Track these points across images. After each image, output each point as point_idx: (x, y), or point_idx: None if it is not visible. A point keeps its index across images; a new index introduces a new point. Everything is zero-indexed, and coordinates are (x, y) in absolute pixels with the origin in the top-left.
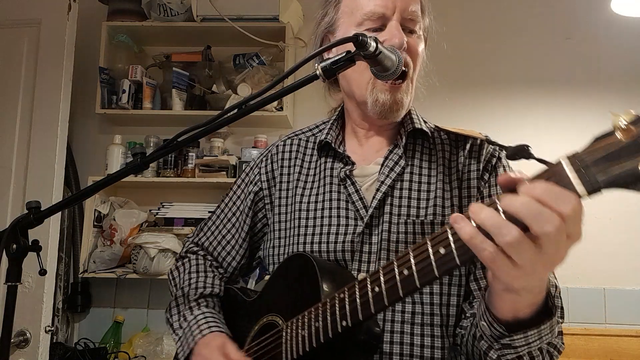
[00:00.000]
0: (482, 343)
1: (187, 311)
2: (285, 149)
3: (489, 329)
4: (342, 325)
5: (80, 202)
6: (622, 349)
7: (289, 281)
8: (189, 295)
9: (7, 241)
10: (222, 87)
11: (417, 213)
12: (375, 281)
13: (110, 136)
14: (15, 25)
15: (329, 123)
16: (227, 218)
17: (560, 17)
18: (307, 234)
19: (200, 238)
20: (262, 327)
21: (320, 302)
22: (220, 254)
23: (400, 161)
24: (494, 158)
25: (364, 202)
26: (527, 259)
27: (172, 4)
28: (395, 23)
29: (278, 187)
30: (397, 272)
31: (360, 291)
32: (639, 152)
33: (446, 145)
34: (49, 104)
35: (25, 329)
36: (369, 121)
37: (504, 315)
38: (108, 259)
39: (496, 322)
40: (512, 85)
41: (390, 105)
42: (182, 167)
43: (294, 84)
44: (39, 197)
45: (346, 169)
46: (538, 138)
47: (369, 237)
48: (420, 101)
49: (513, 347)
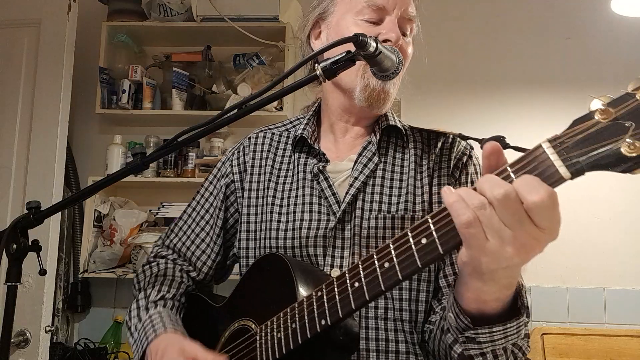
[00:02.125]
0: (449, 336)
1: (143, 312)
2: (257, 141)
3: (455, 321)
4: (321, 325)
5: (80, 202)
6: (622, 349)
7: (260, 283)
8: (149, 297)
9: (7, 241)
10: (222, 87)
11: (388, 208)
12: (354, 276)
13: (110, 136)
14: (15, 25)
15: (305, 119)
16: (200, 215)
17: (560, 17)
18: (279, 229)
19: (171, 240)
20: (233, 333)
21: (296, 302)
22: (195, 254)
23: (373, 157)
24: (465, 156)
25: (336, 197)
26: (497, 235)
27: (172, 4)
28: (393, 19)
29: (249, 178)
30: (377, 265)
31: (338, 287)
32: (619, 134)
33: (418, 143)
34: (49, 104)
35: (25, 329)
36: (349, 112)
37: (469, 306)
38: (108, 259)
39: (462, 314)
40: (512, 85)
41: (378, 92)
42: (182, 167)
43: (294, 84)
44: (39, 197)
45: (319, 165)
46: (538, 138)
47: (341, 232)
48: (421, 101)
49: (477, 342)
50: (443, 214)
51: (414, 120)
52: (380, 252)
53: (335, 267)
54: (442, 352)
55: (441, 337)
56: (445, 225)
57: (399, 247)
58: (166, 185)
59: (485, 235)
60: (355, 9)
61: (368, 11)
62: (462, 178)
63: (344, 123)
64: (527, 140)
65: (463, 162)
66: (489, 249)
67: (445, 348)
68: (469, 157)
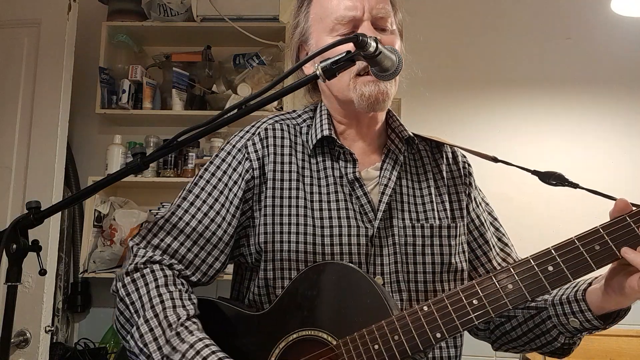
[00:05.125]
0: (554, 331)
1: (175, 339)
2: (276, 134)
3: (580, 324)
4: (437, 337)
5: (80, 202)
6: (622, 349)
7: (326, 292)
8: (167, 318)
9: (7, 241)
10: (222, 87)
11: (419, 217)
12: (472, 295)
13: (110, 136)
14: (15, 25)
15: (320, 116)
16: (203, 213)
17: (560, 17)
18: (315, 234)
19: (162, 240)
20: (292, 344)
21: (394, 316)
22: (199, 256)
23: (396, 166)
24: (467, 165)
25: (372, 205)
26: None
27: (172, 4)
28: (367, 23)
29: (271, 176)
30: (499, 287)
31: (453, 305)
32: None
33: (428, 152)
34: (49, 104)
35: (25, 329)
36: (355, 118)
37: (599, 313)
38: (108, 259)
39: (595, 319)
40: (512, 85)
41: (376, 96)
42: (182, 167)
43: (294, 84)
44: (39, 197)
45: (356, 171)
46: (538, 138)
47: (379, 239)
48: (421, 101)
49: (590, 332)
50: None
51: (414, 120)
52: (499, 275)
53: (378, 275)
54: (528, 340)
55: (533, 329)
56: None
57: (521, 266)
58: (166, 185)
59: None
60: (327, 27)
61: (340, 27)
62: (473, 184)
63: (353, 129)
64: (527, 140)
65: (468, 170)
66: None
67: (543, 337)
68: (469, 165)
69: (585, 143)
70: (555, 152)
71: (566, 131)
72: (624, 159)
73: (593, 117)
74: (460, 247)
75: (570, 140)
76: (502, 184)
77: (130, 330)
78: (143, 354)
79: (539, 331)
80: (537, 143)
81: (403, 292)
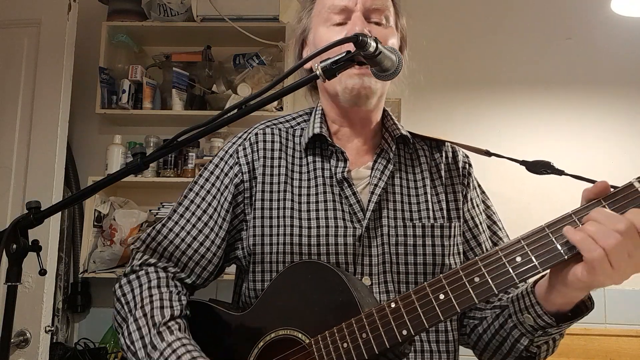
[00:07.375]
0: (515, 331)
1: (156, 338)
2: (266, 138)
3: (534, 321)
4: (403, 335)
5: (80, 202)
6: (622, 349)
7: (301, 292)
8: (154, 317)
9: (7, 241)
10: (222, 87)
11: (411, 216)
12: (438, 289)
13: (110, 136)
14: (15, 25)
15: (314, 117)
16: (197, 216)
17: (560, 17)
18: (301, 235)
19: (159, 243)
20: (270, 343)
21: (363, 313)
22: (192, 258)
23: (388, 165)
24: (467, 164)
25: (360, 204)
26: (622, 262)
27: (172, 4)
28: (358, 14)
29: (261, 179)
30: (465, 280)
31: (419, 300)
32: None
33: (426, 151)
34: (49, 104)
35: (25, 329)
36: (346, 117)
37: (551, 308)
38: (108, 259)
39: (545, 315)
40: (512, 85)
41: (358, 90)
42: (182, 167)
43: (294, 84)
44: (39, 197)
45: (345, 171)
46: (538, 138)
47: (368, 240)
48: (421, 102)
49: (549, 334)
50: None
51: (414, 120)
52: (466, 269)
53: (365, 276)
54: (498, 344)
55: (499, 331)
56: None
57: (489, 258)
58: (166, 185)
59: (610, 264)
60: (323, 18)
61: (332, 16)
62: (471, 185)
63: (347, 128)
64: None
65: (467, 171)
66: (613, 273)
67: (508, 341)
68: (470, 165)
69: (585, 143)
70: (556, 152)
71: (566, 131)
72: (624, 159)
73: (593, 117)
74: (455, 248)
75: (570, 140)
76: (502, 184)
77: (123, 328)
78: (130, 351)
79: (504, 332)
80: (538, 143)
81: (391, 293)
